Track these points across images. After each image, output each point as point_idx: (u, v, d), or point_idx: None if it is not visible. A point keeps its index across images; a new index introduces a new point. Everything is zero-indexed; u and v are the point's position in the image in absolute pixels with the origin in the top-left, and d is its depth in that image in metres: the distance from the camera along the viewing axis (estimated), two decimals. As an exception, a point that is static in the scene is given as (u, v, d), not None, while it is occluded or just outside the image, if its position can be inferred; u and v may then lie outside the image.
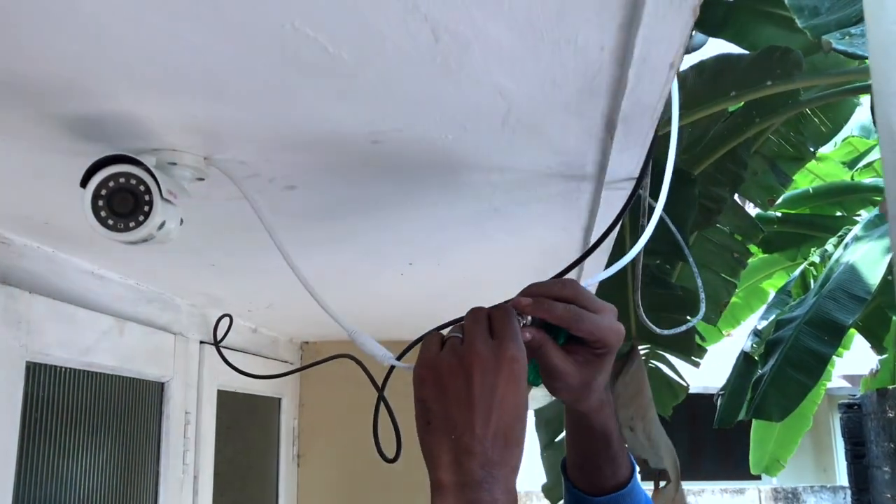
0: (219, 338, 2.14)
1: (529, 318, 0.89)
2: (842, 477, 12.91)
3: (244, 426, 2.51)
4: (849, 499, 9.47)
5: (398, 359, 1.42)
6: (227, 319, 2.12)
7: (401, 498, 2.81)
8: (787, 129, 5.30)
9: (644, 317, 1.57)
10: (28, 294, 1.36)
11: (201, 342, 2.14)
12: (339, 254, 1.56)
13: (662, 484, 4.00)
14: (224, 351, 2.31)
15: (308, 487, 2.91)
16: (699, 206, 4.59)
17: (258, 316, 2.36)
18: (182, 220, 1.00)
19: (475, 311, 0.87)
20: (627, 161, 0.99)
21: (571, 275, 1.71)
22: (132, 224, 0.85)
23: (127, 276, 1.76)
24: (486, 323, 0.85)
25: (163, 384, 1.94)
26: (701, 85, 4.22)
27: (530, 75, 0.78)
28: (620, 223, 1.15)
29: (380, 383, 1.47)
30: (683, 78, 4.11)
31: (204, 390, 2.13)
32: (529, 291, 0.89)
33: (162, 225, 0.87)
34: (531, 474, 6.95)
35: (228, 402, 2.36)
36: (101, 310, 1.64)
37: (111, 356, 1.66)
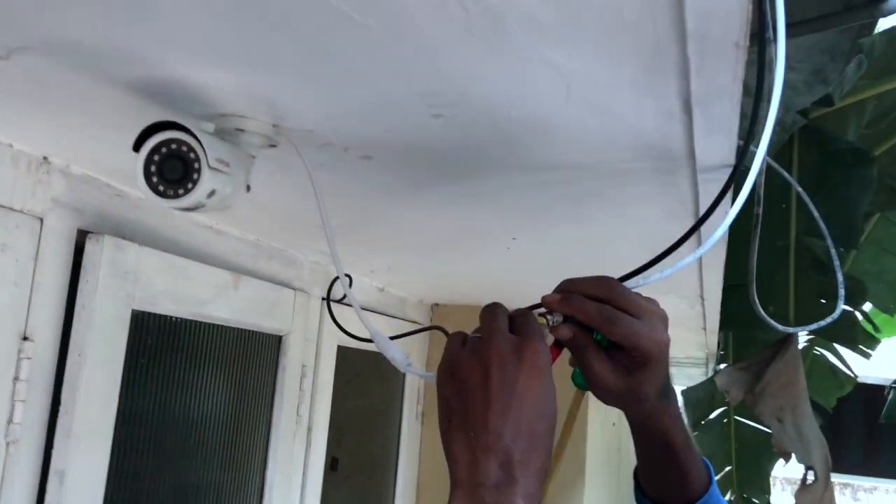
0: (340, 297, 2.18)
1: (561, 316, 0.81)
2: None
3: (366, 382, 2.56)
4: None
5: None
6: (346, 279, 2.16)
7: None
8: None
9: (760, 310, 1.43)
10: (137, 246, 1.42)
11: (323, 299, 2.18)
12: (437, 230, 1.53)
13: (810, 480, 3.74)
14: (347, 308, 2.37)
15: (431, 446, 2.94)
16: (883, 185, 4.18)
17: (382, 276, 2.38)
18: (249, 187, 0.99)
19: (491, 307, 0.81)
20: (717, 146, 0.89)
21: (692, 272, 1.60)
22: (181, 191, 0.85)
23: (246, 232, 1.81)
24: (506, 319, 0.79)
25: (280, 337, 2.00)
26: (892, 53, 3.80)
27: (581, 50, 0.70)
28: (732, 214, 1.03)
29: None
30: (871, 45, 3.71)
31: (323, 345, 2.18)
32: (562, 287, 0.82)
33: (212, 193, 0.86)
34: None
35: (351, 357, 2.41)
36: (218, 264, 1.70)
37: (226, 309, 1.72)
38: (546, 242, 1.60)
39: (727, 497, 5.17)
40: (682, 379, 6.80)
